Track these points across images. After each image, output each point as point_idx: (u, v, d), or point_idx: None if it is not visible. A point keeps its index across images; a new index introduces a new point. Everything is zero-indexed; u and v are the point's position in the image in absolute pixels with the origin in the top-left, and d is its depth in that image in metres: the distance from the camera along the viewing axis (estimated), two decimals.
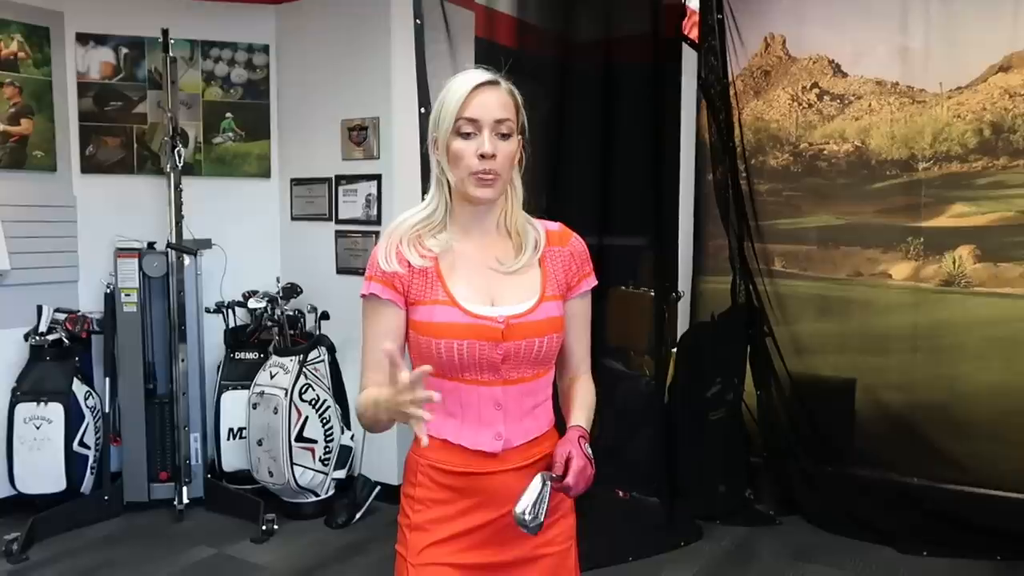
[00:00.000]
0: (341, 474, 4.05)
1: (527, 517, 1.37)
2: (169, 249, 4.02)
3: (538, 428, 1.52)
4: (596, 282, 1.59)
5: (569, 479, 1.41)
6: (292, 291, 4.17)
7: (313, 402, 3.93)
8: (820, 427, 4.11)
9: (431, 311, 1.44)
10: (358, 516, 3.97)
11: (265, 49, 4.52)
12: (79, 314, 4.03)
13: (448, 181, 1.46)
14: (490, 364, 1.44)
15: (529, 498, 1.38)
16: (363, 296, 1.48)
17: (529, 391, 1.49)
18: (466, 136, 1.42)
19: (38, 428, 3.82)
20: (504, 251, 1.50)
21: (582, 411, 1.55)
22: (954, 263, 3.94)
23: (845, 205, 4.23)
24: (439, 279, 1.45)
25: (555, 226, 1.58)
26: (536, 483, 1.40)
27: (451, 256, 1.47)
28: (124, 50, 4.31)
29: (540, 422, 1.52)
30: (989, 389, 3.82)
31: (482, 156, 1.41)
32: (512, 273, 1.48)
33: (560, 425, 1.59)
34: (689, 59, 4.29)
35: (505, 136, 1.44)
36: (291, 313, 4.16)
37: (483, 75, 1.44)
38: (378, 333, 1.46)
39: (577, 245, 1.57)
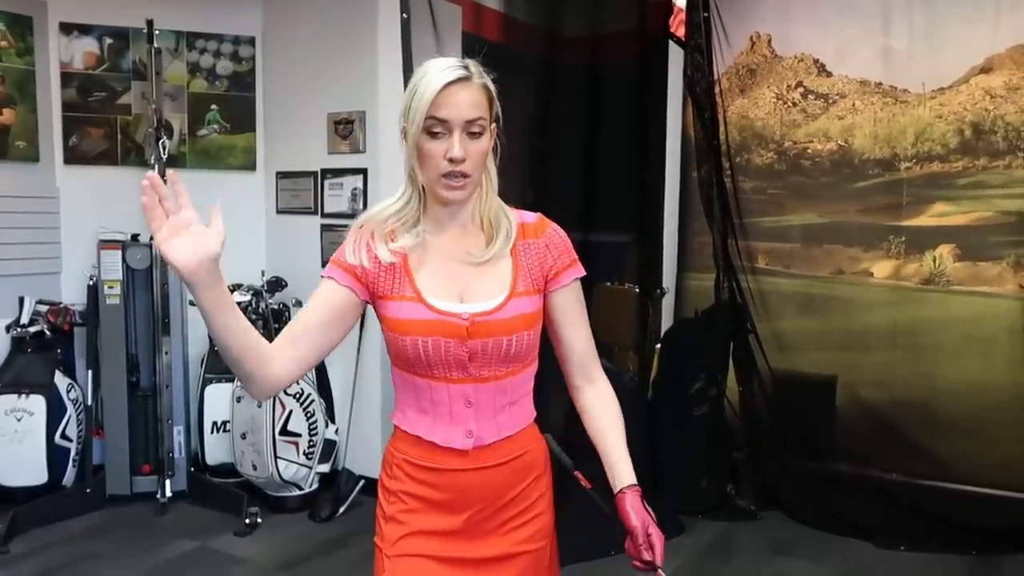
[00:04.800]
0: (325, 468, 4.05)
1: None
2: (153, 241, 3.99)
3: (513, 425, 1.48)
4: (583, 272, 1.52)
5: (658, 560, 1.41)
6: (277, 285, 4.16)
7: (297, 396, 3.92)
8: (801, 423, 4.15)
9: (398, 307, 1.41)
10: (342, 510, 3.97)
11: (251, 41, 4.49)
12: (61, 306, 4.00)
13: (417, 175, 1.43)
14: (457, 362, 1.40)
15: None
16: (321, 278, 1.47)
17: (502, 389, 1.45)
18: (435, 136, 1.37)
19: (19, 420, 3.80)
20: (476, 243, 1.46)
21: (625, 452, 1.49)
22: (934, 262, 3.99)
23: (828, 204, 4.27)
24: (407, 275, 1.42)
25: (532, 217, 1.52)
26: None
27: (421, 250, 1.44)
28: (108, 40, 4.27)
29: (515, 419, 1.49)
30: (967, 386, 3.87)
31: (451, 160, 1.37)
32: (482, 264, 1.44)
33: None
34: (675, 56, 4.31)
35: (476, 135, 1.38)
36: (276, 307, 4.16)
37: (455, 70, 1.36)
38: (316, 301, 1.44)
39: (554, 236, 1.50)
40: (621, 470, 1.48)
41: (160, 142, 3.98)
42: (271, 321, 4.08)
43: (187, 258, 1.23)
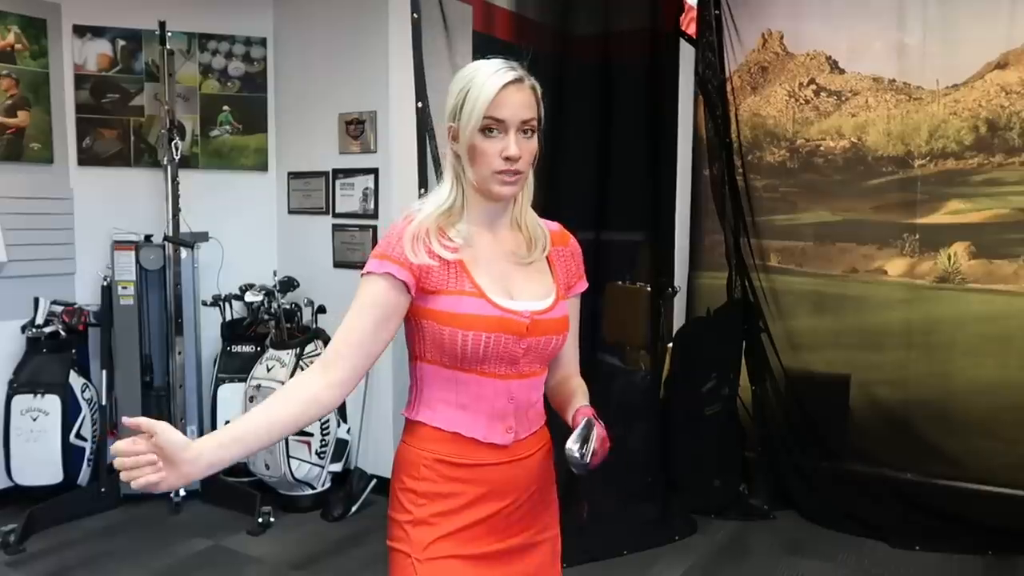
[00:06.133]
0: (337, 467, 4.06)
1: (576, 455, 1.40)
2: (166, 242, 4.02)
3: (538, 420, 1.55)
4: (587, 285, 1.62)
5: (600, 431, 1.45)
6: (289, 285, 4.18)
7: None
8: (814, 422, 4.13)
9: (457, 302, 1.41)
10: (354, 509, 3.98)
11: (263, 42, 4.51)
12: (76, 306, 4.03)
13: (465, 174, 1.45)
14: (511, 358, 1.44)
15: (578, 435, 1.42)
16: (371, 273, 1.40)
17: (536, 385, 1.52)
18: (491, 135, 1.40)
19: (35, 420, 3.83)
20: (517, 244, 1.51)
21: (586, 398, 1.58)
22: (949, 260, 3.95)
23: (841, 201, 4.24)
24: (464, 270, 1.43)
25: (555, 226, 1.60)
26: (582, 424, 1.44)
27: (470, 248, 1.46)
28: (121, 42, 4.30)
29: (540, 414, 1.56)
30: (982, 385, 3.84)
31: (508, 158, 1.40)
32: (527, 265, 1.50)
33: (554, 420, 1.60)
34: (687, 54, 4.29)
35: (529, 134, 1.43)
36: (288, 306, 4.17)
37: (509, 72, 1.41)
38: (366, 306, 1.40)
39: (576, 247, 1.61)
40: (579, 401, 1.55)
41: (173, 143, 4.01)
42: (283, 321, 4.09)
43: (170, 478, 1.27)
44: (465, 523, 1.46)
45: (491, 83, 1.39)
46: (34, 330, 3.91)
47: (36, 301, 3.94)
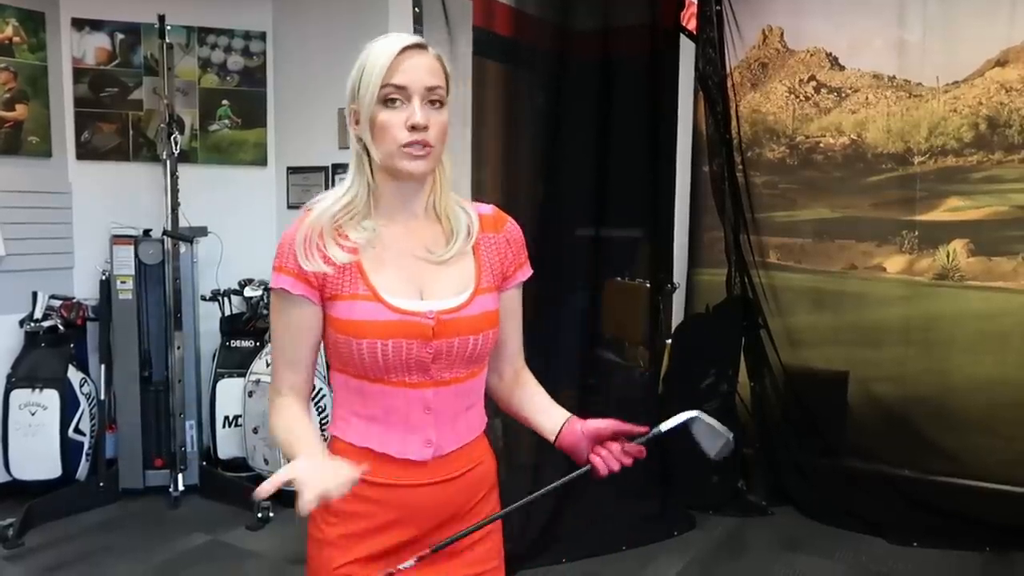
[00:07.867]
0: None
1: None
2: (165, 236, 4.01)
3: (470, 432, 1.38)
4: (531, 272, 1.43)
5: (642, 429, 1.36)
6: None
7: None
8: (813, 419, 4.13)
9: (351, 307, 1.28)
10: None
11: (262, 36, 4.50)
12: (74, 301, 4.03)
13: (370, 160, 1.30)
14: (419, 364, 1.28)
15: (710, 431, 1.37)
16: (272, 289, 1.34)
17: (463, 392, 1.34)
18: (393, 105, 1.25)
19: (33, 414, 3.82)
20: (433, 237, 1.34)
21: (552, 402, 1.44)
22: (948, 257, 3.96)
23: (840, 198, 4.25)
24: (360, 271, 1.29)
25: (488, 209, 1.41)
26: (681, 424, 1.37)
27: (374, 245, 1.30)
28: (120, 36, 4.29)
29: (472, 425, 1.38)
30: (981, 382, 3.85)
31: (413, 127, 1.24)
32: (443, 263, 1.32)
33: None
34: (687, 50, 4.29)
35: (437, 104, 1.27)
36: None
37: (408, 38, 1.27)
38: (290, 327, 1.33)
39: (513, 231, 1.41)
40: (559, 411, 1.41)
41: (172, 137, 4.00)
42: None
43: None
44: (380, 548, 1.32)
45: (387, 50, 1.25)
46: (32, 324, 3.91)
47: (34, 295, 3.93)
